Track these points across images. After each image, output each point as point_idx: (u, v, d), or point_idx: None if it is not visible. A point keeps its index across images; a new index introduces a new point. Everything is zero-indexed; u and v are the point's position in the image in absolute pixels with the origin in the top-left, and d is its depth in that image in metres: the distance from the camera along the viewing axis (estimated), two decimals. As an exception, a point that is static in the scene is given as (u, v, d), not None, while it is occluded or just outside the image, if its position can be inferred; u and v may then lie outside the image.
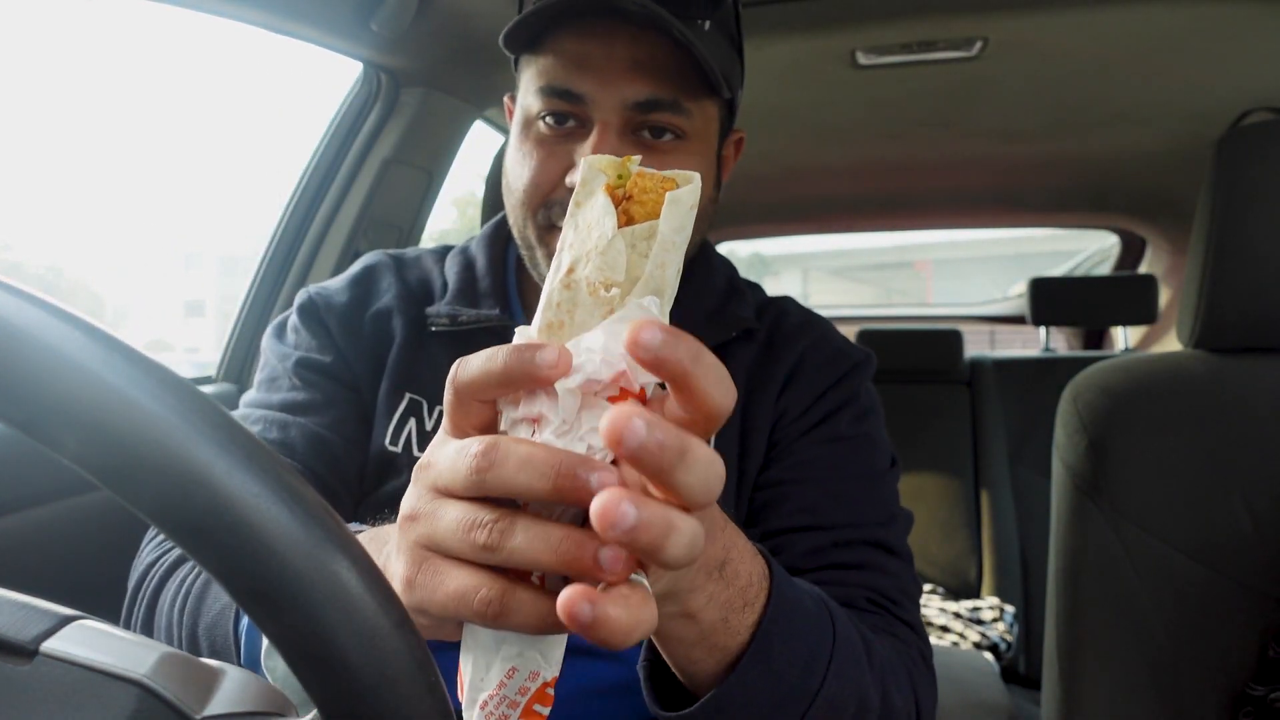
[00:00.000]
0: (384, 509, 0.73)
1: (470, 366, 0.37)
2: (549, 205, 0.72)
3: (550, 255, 0.74)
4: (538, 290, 0.82)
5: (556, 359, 0.35)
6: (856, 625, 0.60)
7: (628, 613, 0.33)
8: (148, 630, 0.64)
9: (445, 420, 0.40)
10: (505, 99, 0.81)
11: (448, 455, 0.38)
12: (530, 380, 0.35)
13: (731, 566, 0.47)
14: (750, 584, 0.49)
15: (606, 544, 0.33)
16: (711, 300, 0.83)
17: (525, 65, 0.74)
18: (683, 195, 0.36)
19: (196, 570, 0.63)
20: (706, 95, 0.72)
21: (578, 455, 0.34)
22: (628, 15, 0.66)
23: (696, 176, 0.37)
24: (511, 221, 0.78)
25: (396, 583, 0.40)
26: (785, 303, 0.88)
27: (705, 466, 0.33)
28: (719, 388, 0.34)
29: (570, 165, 0.70)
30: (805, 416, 0.77)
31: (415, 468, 0.40)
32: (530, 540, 0.35)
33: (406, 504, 0.40)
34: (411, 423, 0.77)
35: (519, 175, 0.74)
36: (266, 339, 0.84)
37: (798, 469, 0.75)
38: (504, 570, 0.37)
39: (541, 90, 0.71)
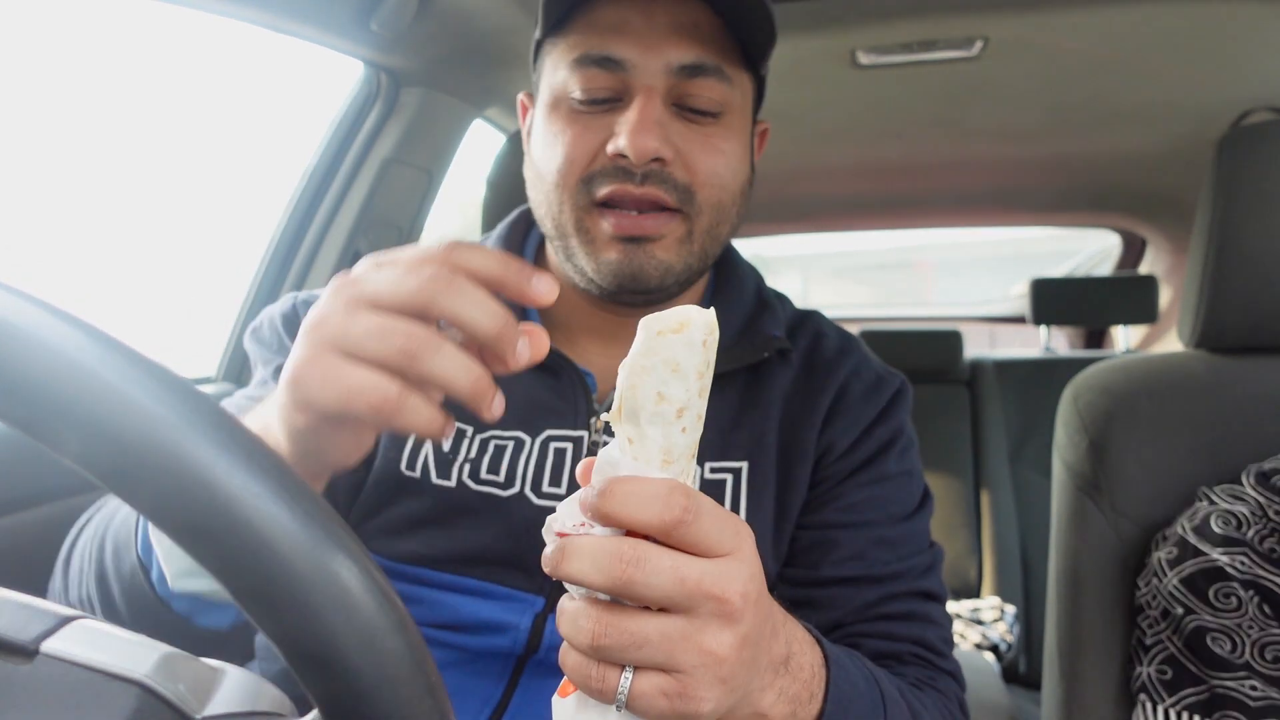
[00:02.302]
0: (399, 532, 0.71)
1: (476, 256, 0.43)
2: (589, 179, 0.67)
3: (589, 242, 0.69)
4: (563, 298, 0.77)
5: (546, 290, 0.44)
6: (905, 695, 0.61)
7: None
8: (65, 572, 0.63)
9: (390, 260, 0.44)
10: (521, 96, 0.77)
11: (390, 274, 0.43)
12: (518, 294, 0.44)
13: (795, 660, 0.48)
14: (813, 675, 0.50)
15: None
16: (739, 315, 0.79)
17: (551, 47, 0.71)
18: (651, 320, 0.39)
19: (111, 507, 0.63)
20: (745, 66, 0.70)
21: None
22: None
23: (691, 308, 0.40)
24: (544, 213, 0.72)
25: (284, 376, 0.44)
26: (819, 321, 0.84)
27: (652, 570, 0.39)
28: (642, 513, 0.38)
29: (610, 135, 0.66)
30: (852, 454, 0.75)
31: (334, 288, 0.44)
32: (452, 363, 0.42)
33: (315, 313, 0.44)
34: (428, 444, 0.73)
35: (551, 156, 0.69)
36: (249, 342, 0.80)
37: (847, 512, 0.73)
38: None
39: (577, 61, 0.67)
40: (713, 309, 0.40)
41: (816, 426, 0.75)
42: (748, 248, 3.32)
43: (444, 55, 1.41)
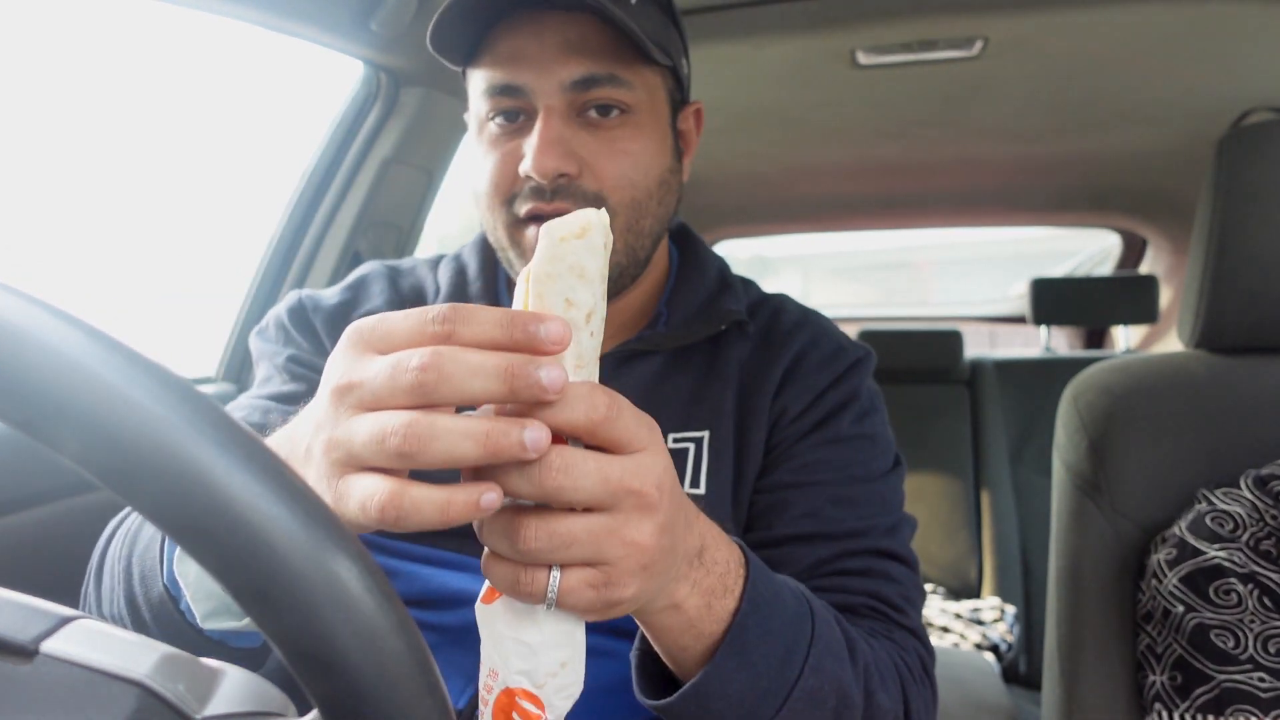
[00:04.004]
0: None
1: (483, 320, 0.38)
2: (510, 201, 0.73)
3: (521, 254, 0.75)
4: None
5: (561, 334, 0.38)
6: (842, 624, 0.61)
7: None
8: (97, 586, 0.63)
9: (365, 339, 0.41)
10: (465, 116, 0.82)
11: (380, 370, 0.38)
12: (529, 348, 0.38)
13: (709, 554, 0.50)
14: (728, 570, 0.51)
15: (529, 425, 0.37)
16: (701, 294, 0.83)
17: (470, 77, 0.76)
18: (552, 227, 0.39)
19: (137, 519, 0.63)
20: (643, 65, 0.73)
21: (523, 356, 0.38)
22: (551, 1, 0.68)
23: (588, 211, 0.40)
24: (485, 228, 0.79)
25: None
26: (782, 300, 0.87)
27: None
28: (567, 414, 0.38)
29: (521, 158, 0.71)
30: (805, 417, 0.76)
31: (333, 391, 0.41)
32: (452, 440, 0.37)
33: (323, 427, 0.41)
34: None
35: (481, 180, 0.75)
36: (253, 340, 0.84)
37: (800, 472, 0.74)
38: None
39: (485, 92, 0.72)
40: (604, 210, 0.41)
41: (770, 393, 0.77)
42: (748, 248, 3.32)
43: (444, 55, 1.41)
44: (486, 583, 0.44)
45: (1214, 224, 0.89)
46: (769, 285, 0.92)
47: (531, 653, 0.42)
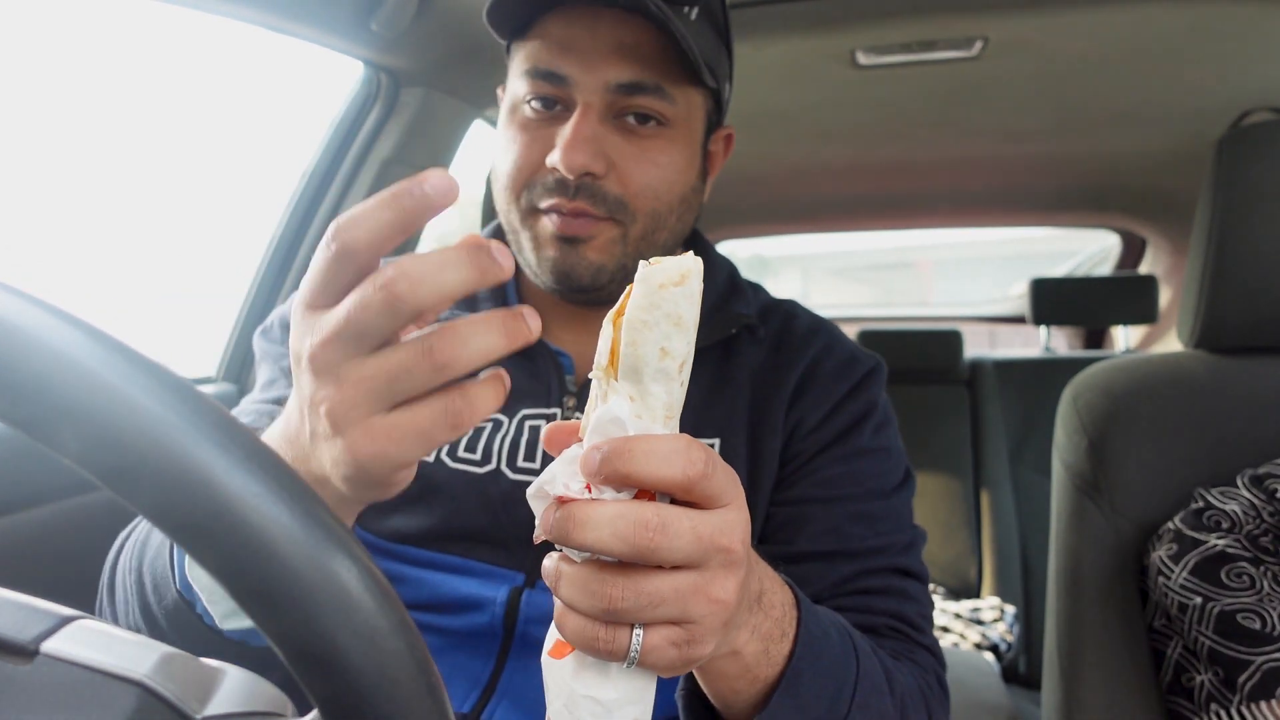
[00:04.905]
0: (381, 510, 0.73)
1: (360, 221, 0.36)
2: (530, 187, 0.72)
3: (533, 239, 0.73)
4: (535, 290, 0.80)
5: (447, 185, 0.36)
6: (878, 653, 0.61)
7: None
8: (110, 599, 0.63)
9: (308, 294, 0.38)
10: (498, 90, 0.81)
11: (343, 312, 0.37)
12: (428, 211, 0.36)
13: (768, 597, 0.49)
14: (784, 614, 0.51)
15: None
16: (710, 298, 0.82)
17: (514, 52, 0.74)
18: (651, 273, 0.38)
19: (146, 527, 0.63)
20: (690, 82, 0.72)
21: (475, 240, 0.37)
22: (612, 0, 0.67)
23: (686, 257, 0.38)
24: (498, 208, 0.77)
25: (342, 466, 0.39)
26: (792, 306, 0.87)
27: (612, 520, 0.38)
28: (666, 472, 0.37)
29: (551, 147, 0.70)
30: (823, 429, 0.76)
31: (296, 367, 0.39)
32: (481, 336, 0.37)
33: (326, 393, 0.38)
34: None
35: (504, 160, 0.74)
36: (257, 340, 0.83)
37: (821, 487, 0.73)
38: None
39: (527, 73, 0.71)
40: (698, 257, 0.39)
41: (785, 401, 0.76)
42: (748, 248, 3.32)
43: (444, 55, 1.41)
44: (553, 636, 0.42)
45: (1214, 224, 0.89)
46: (769, 285, 0.92)
47: (605, 711, 0.40)
